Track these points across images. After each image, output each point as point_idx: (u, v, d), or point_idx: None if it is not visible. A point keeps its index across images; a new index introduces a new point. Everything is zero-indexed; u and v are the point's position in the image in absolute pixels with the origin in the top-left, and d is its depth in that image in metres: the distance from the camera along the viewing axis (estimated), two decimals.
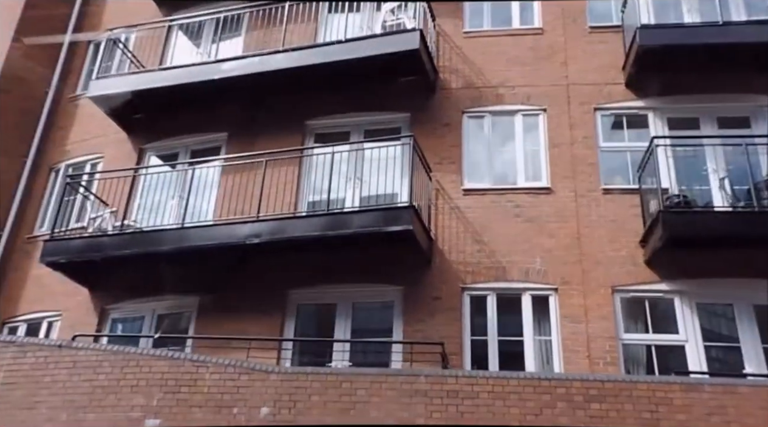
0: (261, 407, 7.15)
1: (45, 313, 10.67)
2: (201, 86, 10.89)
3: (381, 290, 9.15)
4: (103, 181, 11.20)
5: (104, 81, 11.45)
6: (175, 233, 9.32)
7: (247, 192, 9.96)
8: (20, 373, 7.63)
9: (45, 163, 12.52)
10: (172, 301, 9.93)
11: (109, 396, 7.34)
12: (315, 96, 10.74)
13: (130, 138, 11.90)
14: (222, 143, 11.27)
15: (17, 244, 11.69)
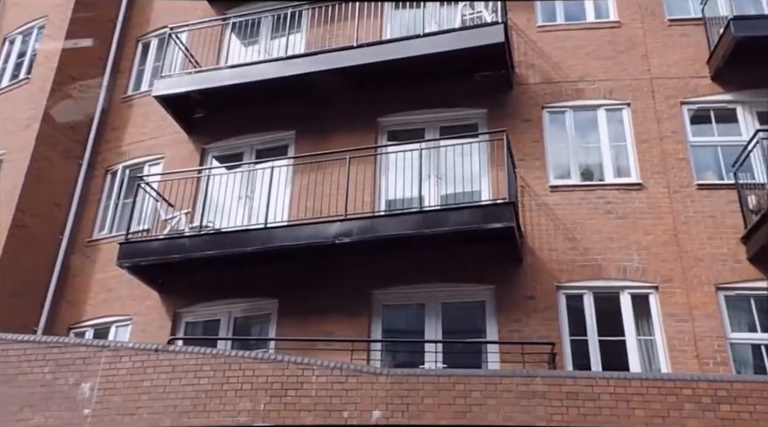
0: (372, 410, 6.89)
1: (113, 317, 10.40)
2: (267, 84, 10.67)
3: (471, 289, 8.90)
4: (165, 183, 11.00)
5: (168, 80, 11.21)
6: (260, 233, 9.05)
7: (324, 191, 9.78)
8: (117, 378, 7.37)
9: (100, 165, 12.26)
10: (249, 303, 9.67)
11: (213, 400, 7.07)
12: (386, 93, 10.51)
13: (191, 138, 11.66)
14: (289, 142, 11.03)
15: (77, 248, 11.43)
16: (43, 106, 11.83)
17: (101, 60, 13.15)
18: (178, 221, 9.76)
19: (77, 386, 7.39)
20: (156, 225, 10.52)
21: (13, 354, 7.69)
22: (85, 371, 7.48)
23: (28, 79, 12.49)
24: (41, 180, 11.30)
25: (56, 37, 12.71)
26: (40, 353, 7.66)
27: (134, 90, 13.05)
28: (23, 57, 13.37)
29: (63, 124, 12.00)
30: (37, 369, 7.56)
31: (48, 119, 11.76)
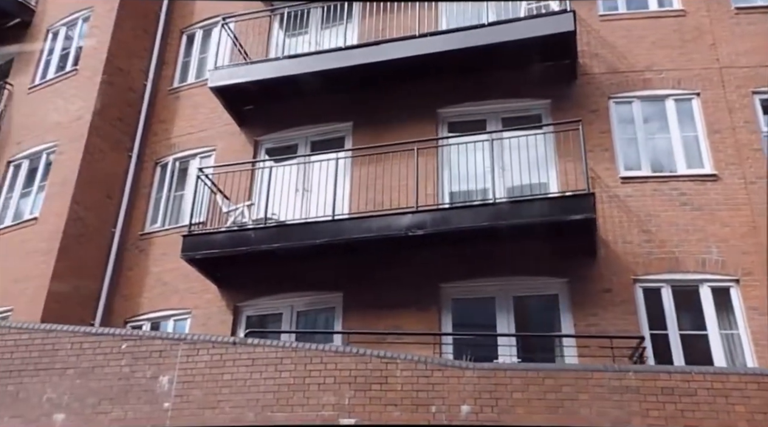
0: (461, 405, 6.75)
1: (170, 311, 10.28)
2: (325, 75, 10.52)
3: (543, 282, 8.75)
4: (219, 175, 10.89)
5: (223, 71, 11.06)
6: (327, 225, 8.91)
7: (385, 183, 9.64)
8: (195, 371, 7.23)
9: (149, 157, 12.15)
10: (312, 296, 9.54)
11: (296, 394, 6.93)
12: (447, 83, 10.35)
13: (243, 130, 11.53)
14: (346, 133, 10.89)
15: (129, 241, 11.32)
16: (94, 97, 11.71)
17: (146, 52, 13.05)
18: (240, 213, 9.61)
19: (155, 379, 7.27)
20: (211, 217, 10.39)
21: (88, 347, 7.57)
22: (162, 364, 7.35)
23: (76, 71, 12.37)
24: (94, 172, 11.19)
25: (104, 28, 12.59)
26: (116, 345, 7.53)
27: (180, 82, 12.93)
28: (68, 49, 13.27)
29: (112, 115, 11.89)
30: (114, 362, 7.44)
31: (99, 111, 11.65)
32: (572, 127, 8.76)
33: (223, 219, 10.06)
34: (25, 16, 13.98)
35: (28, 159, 11.99)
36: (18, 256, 10.52)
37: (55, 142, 11.61)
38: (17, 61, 13.76)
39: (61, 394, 7.32)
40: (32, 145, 11.96)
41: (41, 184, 11.50)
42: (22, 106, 12.80)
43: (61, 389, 7.35)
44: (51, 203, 10.80)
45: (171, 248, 10.86)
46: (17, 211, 11.43)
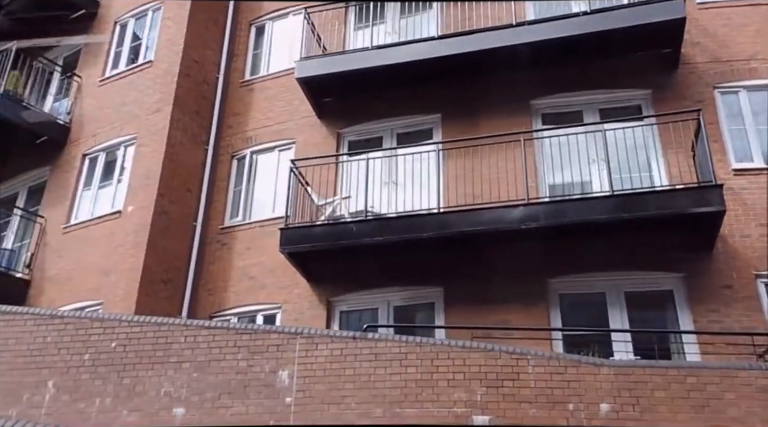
0: (599, 403, 6.49)
1: (258, 306, 10.12)
2: (412, 66, 10.31)
3: (656, 277, 8.47)
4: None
5: (309, 62, 10.84)
6: (433, 218, 8.69)
7: (482, 176, 9.40)
8: (316, 365, 7.02)
9: (225, 151, 11.98)
10: (410, 291, 9.32)
11: (425, 390, 6.71)
12: (540, 74, 10.10)
13: (323, 122, 11.34)
14: (434, 126, 10.68)
15: (210, 235, 11.15)
16: (172, 89, 11.56)
17: (217, 44, 12.91)
18: (336, 206, 9.40)
19: (275, 374, 7.07)
20: (298, 211, 10.19)
21: (202, 340, 7.38)
22: (280, 358, 7.15)
23: (151, 63, 12.22)
24: (175, 165, 11.04)
25: (178, 20, 12.44)
26: (231, 339, 7.34)
27: (252, 74, 12.77)
28: (138, 41, 13.16)
29: (189, 108, 11.73)
30: (230, 356, 7.24)
31: (178, 103, 11.50)
32: (690, 118, 8.44)
33: (312, 212, 9.85)
34: (91, 8, 13.87)
35: (105, 152, 11.87)
36: (104, 249, 10.38)
37: (134, 135, 11.47)
38: (84, 54, 13.67)
39: (179, 388, 7.14)
40: (109, 138, 11.84)
41: (120, 177, 11.37)
42: (93, 99, 12.69)
43: (178, 383, 7.17)
44: (135, 196, 10.65)
45: (255, 242, 10.74)
46: (97, 205, 11.29)
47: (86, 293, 10.05)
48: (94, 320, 7.71)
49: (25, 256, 11.28)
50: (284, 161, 11.41)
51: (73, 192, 11.62)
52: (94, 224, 10.86)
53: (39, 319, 7.75)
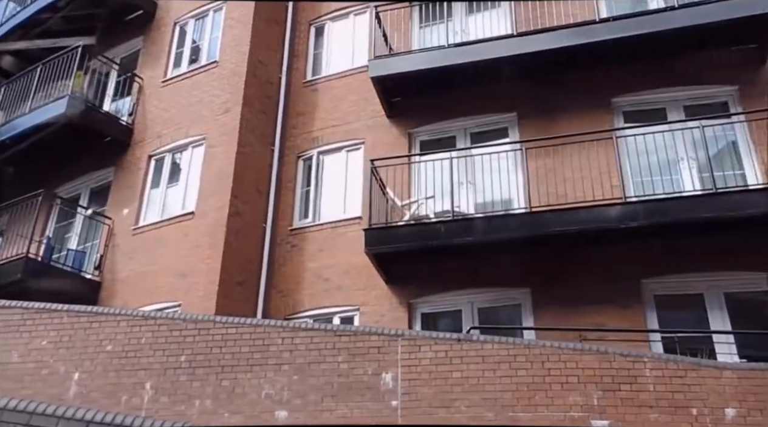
0: (724, 408, 6.27)
1: (335, 308, 9.96)
2: (487, 64, 10.13)
3: (757, 278, 8.20)
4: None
5: (383, 61, 10.68)
6: (523, 218, 8.51)
7: (565, 175, 9.19)
8: (420, 368, 6.87)
9: (291, 151, 11.87)
10: (495, 293, 9.13)
11: (538, 394, 6.52)
12: (621, 71, 9.89)
13: (392, 122, 11.19)
14: (509, 124, 10.50)
15: (279, 236, 11.03)
16: (240, 89, 11.47)
17: (278, 44, 12.83)
18: (420, 206, 9.24)
19: (378, 377, 6.92)
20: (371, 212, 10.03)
21: (300, 342, 7.24)
22: (382, 360, 7.00)
23: (216, 63, 12.14)
24: (246, 166, 10.93)
25: (242, 20, 12.37)
26: (330, 341, 7.20)
27: (314, 74, 12.66)
28: (199, 41, 13.10)
29: (256, 108, 11.64)
30: (330, 358, 7.10)
31: (247, 103, 11.41)
32: None
33: (388, 213, 9.69)
34: (149, 8, 13.85)
35: (171, 153, 11.79)
36: (178, 250, 10.29)
37: (203, 136, 11.39)
38: (143, 55, 13.64)
39: (280, 390, 7.01)
40: (175, 139, 11.76)
41: (189, 178, 11.29)
42: (156, 100, 12.63)
43: (279, 386, 7.03)
44: (208, 197, 10.56)
45: (326, 244, 10.60)
46: (166, 206, 11.22)
47: (162, 295, 9.95)
48: (188, 321, 7.59)
49: (94, 257, 11.20)
50: (353, 162, 11.33)
51: (140, 193, 11.55)
52: (166, 225, 10.77)
53: (132, 320, 7.65)
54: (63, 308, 7.89)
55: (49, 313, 7.82)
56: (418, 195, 10.08)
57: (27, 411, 4.52)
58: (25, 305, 7.91)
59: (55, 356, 7.51)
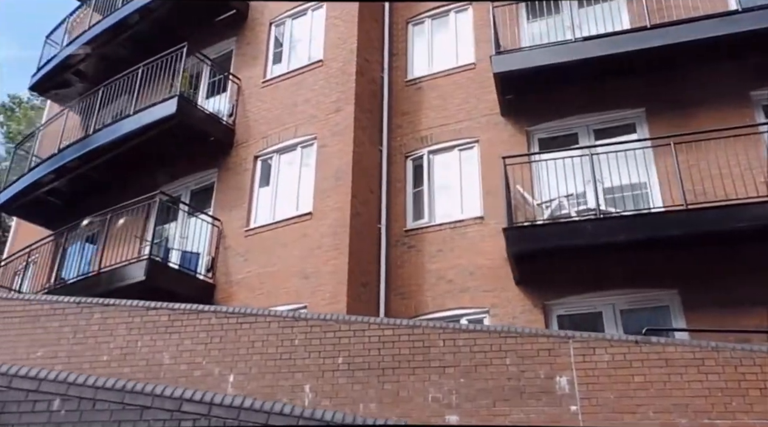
0: None
1: (462, 310, 9.64)
2: (613, 59, 9.82)
3: None
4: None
5: (507, 57, 10.41)
6: (679, 216, 8.14)
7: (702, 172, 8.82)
8: (597, 371, 6.55)
9: (398, 151, 11.63)
10: (639, 294, 8.76)
11: (735, 400, 6.15)
12: (759, 64, 9.47)
13: (508, 120, 10.90)
14: (636, 120, 10.15)
15: (394, 237, 10.78)
16: (352, 88, 11.29)
17: (379, 42, 12.64)
18: (558, 205, 8.93)
19: (551, 380, 6.62)
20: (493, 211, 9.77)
21: (463, 344, 6.97)
22: (554, 363, 6.70)
23: (321, 62, 11.98)
24: (360, 165, 10.73)
25: (347, 18, 12.20)
26: (495, 343, 6.92)
27: (415, 73, 12.42)
28: (298, 41, 12.96)
29: (365, 108, 11.43)
30: (497, 361, 6.82)
31: (358, 102, 11.22)
32: None
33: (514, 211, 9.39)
34: (242, 8, 13.75)
35: (278, 153, 11.65)
36: (297, 252, 10.11)
37: (313, 136, 11.22)
38: (238, 55, 13.55)
39: (448, 394, 6.75)
40: (282, 140, 11.62)
41: (299, 178, 11.12)
42: (257, 100, 12.51)
43: (446, 389, 6.77)
44: (326, 198, 10.36)
45: (446, 245, 10.34)
46: (278, 207, 11.05)
47: (285, 297, 9.77)
48: (341, 322, 7.38)
49: (205, 259, 11.07)
50: (466, 161, 11.07)
51: (249, 195, 11.41)
52: (282, 226, 10.59)
53: (283, 321, 7.46)
54: (210, 309, 7.75)
55: (197, 314, 7.67)
56: (543, 194, 9.77)
57: (264, 410, 4.33)
58: (172, 306, 7.78)
59: (207, 357, 7.35)
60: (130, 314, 7.76)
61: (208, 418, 4.32)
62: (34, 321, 7.84)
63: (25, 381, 4.46)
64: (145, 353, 7.45)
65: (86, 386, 4.45)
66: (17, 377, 4.47)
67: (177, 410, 4.36)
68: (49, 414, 4.36)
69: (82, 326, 7.74)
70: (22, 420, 4.33)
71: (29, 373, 4.50)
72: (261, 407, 4.37)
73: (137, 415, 4.36)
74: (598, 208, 8.53)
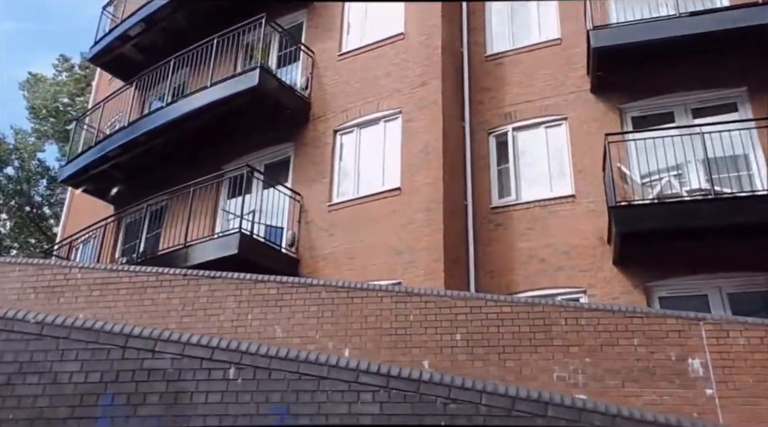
0: None
1: (557, 290, 9.44)
2: (717, 35, 9.48)
3: None
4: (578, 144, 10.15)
5: (607, 32, 10.10)
6: None
7: None
8: (733, 355, 6.39)
9: (480, 127, 11.41)
10: (748, 277, 8.54)
11: None
12: None
13: (599, 97, 10.62)
14: (738, 99, 9.83)
15: (480, 214, 10.60)
16: (438, 62, 11.07)
17: (457, 17, 12.36)
18: (666, 183, 8.69)
19: (683, 362, 6.46)
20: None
21: (586, 323, 6.83)
22: (684, 345, 6.54)
23: (402, 35, 11.74)
24: (447, 141, 10.53)
25: None
26: (620, 323, 6.78)
27: (495, 48, 12.14)
28: (374, 13, 12.70)
29: (450, 82, 11.21)
30: (624, 341, 6.68)
31: (444, 77, 11.00)
32: None
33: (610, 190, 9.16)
34: None
35: (359, 127, 11.48)
36: (387, 227, 9.99)
37: (398, 109, 11.03)
38: (310, 27, 13.34)
39: (573, 373, 6.62)
40: (364, 113, 11.45)
41: (383, 153, 10.96)
42: (333, 73, 12.33)
43: (571, 368, 6.65)
44: (415, 173, 10.20)
45: (537, 223, 10.16)
46: (361, 182, 10.91)
47: (377, 273, 9.66)
48: (457, 298, 7.26)
49: (288, 234, 10.99)
50: (553, 138, 10.84)
51: (330, 169, 11.29)
52: (368, 201, 10.47)
53: (396, 296, 7.36)
54: (320, 283, 7.67)
55: (306, 287, 7.60)
56: (642, 171, 9.52)
57: (444, 383, 4.22)
58: (280, 279, 7.71)
59: (320, 331, 7.28)
60: (237, 286, 7.70)
61: (387, 390, 4.23)
62: (141, 293, 7.82)
63: (198, 349, 4.39)
64: (257, 326, 7.39)
65: (260, 355, 4.37)
66: (189, 345, 4.40)
67: (354, 381, 4.27)
68: (226, 382, 4.29)
69: (191, 298, 7.70)
70: (199, 388, 4.27)
71: (201, 341, 4.43)
72: (441, 381, 4.27)
73: (314, 385, 4.27)
74: (712, 188, 8.28)
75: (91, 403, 4.22)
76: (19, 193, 27.06)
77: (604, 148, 9.05)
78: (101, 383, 4.27)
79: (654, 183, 8.94)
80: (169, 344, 4.40)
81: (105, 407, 4.20)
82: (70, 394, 4.24)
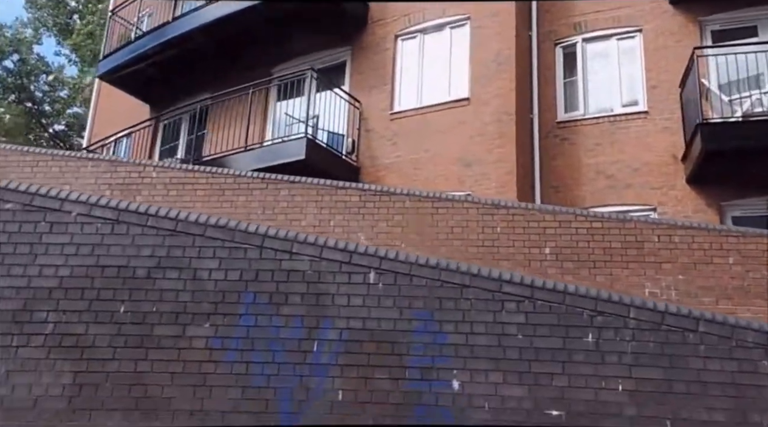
0: None
1: (625, 207, 9.29)
2: None
3: None
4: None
5: None
6: None
7: None
8: None
9: (547, 38, 10.98)
10: None
11: None
12: None
13: (677, 9, 10.15)
14: None
15: (546, 129, 10.37)
16: None
17: None
18: (756, 100, 8.42)
19: None
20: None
21: (679, 241, 6.80)
22: None
23: None
24: (513, 50, 10.11)
25: None
26: (715, 241, 6.79)
27: None
28: None
29: None
30: (718, 259, 6.71)
31: None
32: None
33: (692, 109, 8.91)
34: None
35: (422, 33, 11.06)
36: (455, 138, 9.79)
37: (466, 16, 10.59)
38: None
39: (665, 289, 6.63)
40: (428, 18, 10.99)
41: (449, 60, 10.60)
42: None
43: (663, 284, 6.66)
44: (485, 83, 9.90)
45: (605, 139, 9.97)
46: (425, 91, 10.60)
47: (444, 184, 9.53)
48: (545, 212, 7.19)
49: (348, 141, 10.80)
50: (625, 51, 10.45)
51: (391, 76, 10.96)
52: (434, 111, 10.22)
53: (482, 208, 7.30)
54: (403, 192, 7.56)
55: (389, 196, 7.51)
56: (723, 89, 9.21)
57: (590, 296, 4.19)
58: (362, 186, 7.62)
59: (405, 241, 7.25)
60: (318, 192, 7.61)
61: (532, 301, 4.20)
62: (219, 195, 7.74)
63: (336, 252, 4.33)
64: (339, 233, 7.33)
65: (399, 261, 4.32)
66: (327, 248, 4.34)
67: (498, 290, 4.23)
68: (367, 287, 4.26)
69: (270, 201, 7.63)
70: (340, 291, 4.24)
71: (338, 245, 4.37)
72: (587, 293, 4.23)
73: (457, 293, 4.24)
74: None
75: (233, 300, 4.20)
76: (19, 88, 26.36)
77: (688, 63, 8.71)
78: (241, 281, 4.24)
79: (743, 100, 8.62)
80: (306, 246, 4.34)
81: (248, 304, 4.19)
82: (211, 290, 4.22)
